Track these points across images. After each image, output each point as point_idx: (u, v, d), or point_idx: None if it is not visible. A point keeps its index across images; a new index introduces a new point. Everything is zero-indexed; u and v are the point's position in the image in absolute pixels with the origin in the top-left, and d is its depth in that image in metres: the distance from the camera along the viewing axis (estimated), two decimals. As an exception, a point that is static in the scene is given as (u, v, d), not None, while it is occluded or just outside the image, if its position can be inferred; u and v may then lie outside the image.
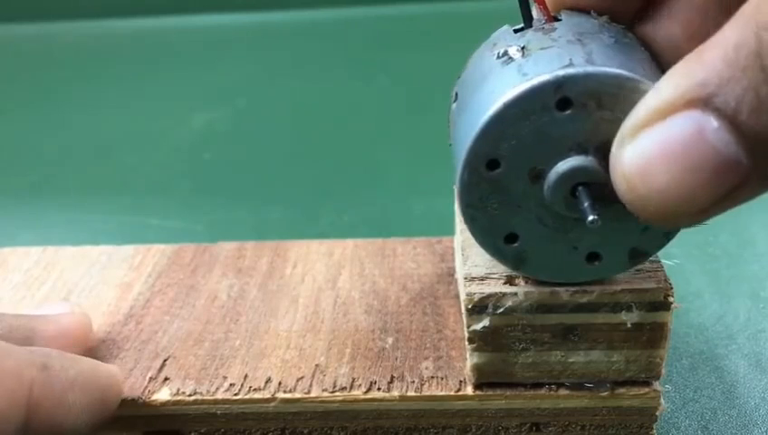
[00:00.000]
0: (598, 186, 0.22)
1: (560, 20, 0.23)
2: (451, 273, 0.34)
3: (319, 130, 0.61)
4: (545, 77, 0.21)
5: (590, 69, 0.21)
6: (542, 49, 0.22)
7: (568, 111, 0.21)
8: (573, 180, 0.22)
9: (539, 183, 0.23)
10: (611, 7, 0.24)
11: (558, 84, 0.21)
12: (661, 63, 0.23)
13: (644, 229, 0.23)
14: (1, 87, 0.74)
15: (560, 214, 0.23)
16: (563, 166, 0.22)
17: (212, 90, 0.70)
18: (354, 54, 0.76)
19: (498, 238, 0.24)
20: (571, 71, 0.21)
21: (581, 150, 0.22)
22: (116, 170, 0.56)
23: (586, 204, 0.22)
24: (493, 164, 0.22)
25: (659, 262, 0.26)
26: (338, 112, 0.64)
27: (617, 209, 0.23)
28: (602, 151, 0.22)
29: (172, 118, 0.65)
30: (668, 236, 0.24)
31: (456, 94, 0.25)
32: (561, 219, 0.23)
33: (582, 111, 0.21)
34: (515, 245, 0.24)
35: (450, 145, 0.25)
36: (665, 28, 0.23)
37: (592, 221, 0.21)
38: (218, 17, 0.85)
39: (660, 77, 0.20)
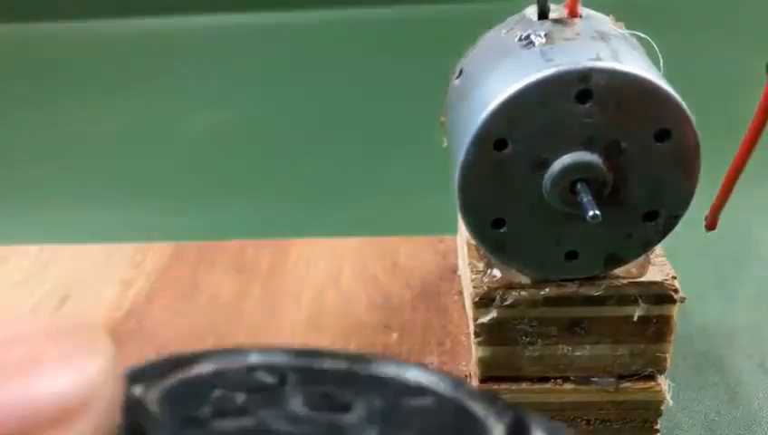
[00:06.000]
0: (597, 185, 0.22)
1: (580, 17, 0.24)
2: (454, 270, 0.33)
3: (320, 128, 0.61)
4: (573, 65, 0.21)
5: (618, 66, 0.21)
6: (566, 39, 0.22)
7: (587, 104, 0.21)
8: (575, 175, 0.22)
9: (541, 172, 0.23)
10: None
11: (584, 75, 0.21)
12: None
13: (627, 236, 0.23)
14: (1, 87, 0.74)
15: (552, 207, 0.23)
16: (568, 159, 0.22)
17: (212, 90, 0.70)
18: (355, 54, 0.76)
19: (485, 221, 0.24)
20: (598, 64, 0.21)
21: (589, 146, 0.22)
22: (117, 169, 0.56)
23: (586, 199, 0.22)
24: (501, 144, 0.22)
25: (665, 256, 0.26)
26: (339, 111, 0.64)
27: (609, 213, 0.22)
28: (609, 151, 0.22)
29: (173, 117, 0.65)
30: (646, 246, 0.24)
31: (461, 70, 0.25)
32: (552, 213, 0.23)
33: (600, 107, 0.21)
34: (501, 230, 0.24)
35: (442, 121, 0.25)
36: None
37: (593, 216, 0.21)
38: (218, 17, 0.85)
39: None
